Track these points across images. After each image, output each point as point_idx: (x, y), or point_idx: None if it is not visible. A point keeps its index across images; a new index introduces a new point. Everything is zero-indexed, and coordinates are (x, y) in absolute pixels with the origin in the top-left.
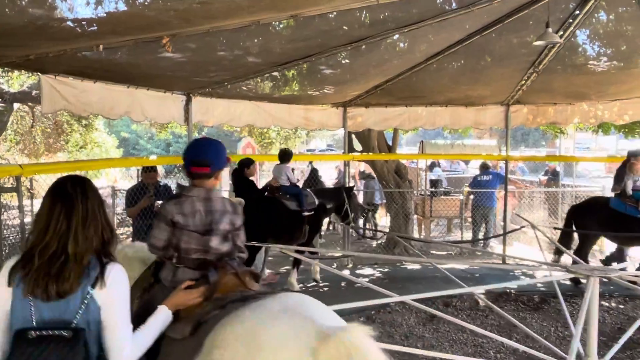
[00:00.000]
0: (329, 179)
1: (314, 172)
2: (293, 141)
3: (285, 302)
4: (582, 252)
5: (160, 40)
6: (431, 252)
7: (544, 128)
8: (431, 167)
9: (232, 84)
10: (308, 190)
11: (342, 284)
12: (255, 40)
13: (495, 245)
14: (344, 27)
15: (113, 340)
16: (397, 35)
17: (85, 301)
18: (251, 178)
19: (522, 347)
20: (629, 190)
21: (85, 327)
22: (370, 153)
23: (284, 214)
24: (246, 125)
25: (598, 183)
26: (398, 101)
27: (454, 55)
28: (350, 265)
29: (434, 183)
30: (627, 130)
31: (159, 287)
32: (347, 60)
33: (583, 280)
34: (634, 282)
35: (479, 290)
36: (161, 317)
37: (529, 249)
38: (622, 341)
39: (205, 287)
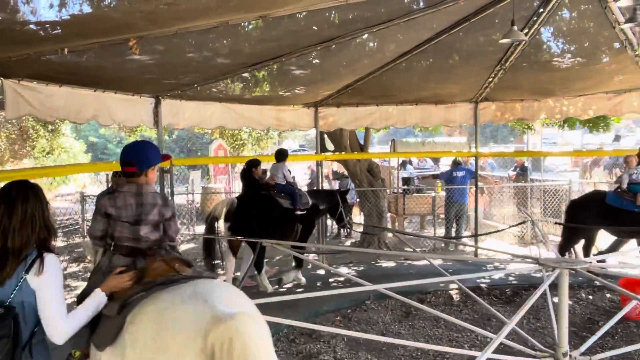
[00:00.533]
0: (301, 179)
1: None
2: (265, 142)
3: (197, 288)
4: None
5: (127, 43)
6: (405, 248)
7: (512, 124)
8: (403, 165)
9: (202, 85)
10: (302, 190)
11: (318, 284)
12: (224, 41)
13: (467, 240)
14: (314, 27)
15: (48, 317)
16: (366, 35)
17: (19, 285)
18: (257, 177)
19: (491, 348)
20: (625, 184)
21: (16, 306)
22: (343, 153)
23: (276, 211)
24: (217, 127)
25: (565, 177)
26: (369, 100)
27: (423, 54)
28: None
29: (406, 181)
30: (591, 124)
31: (100, 273)
32: (317, 60)
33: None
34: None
35: (457, 280)
36: (96, 298)
37: (501, 244)
38: (599, 333)
39: (134, 272)
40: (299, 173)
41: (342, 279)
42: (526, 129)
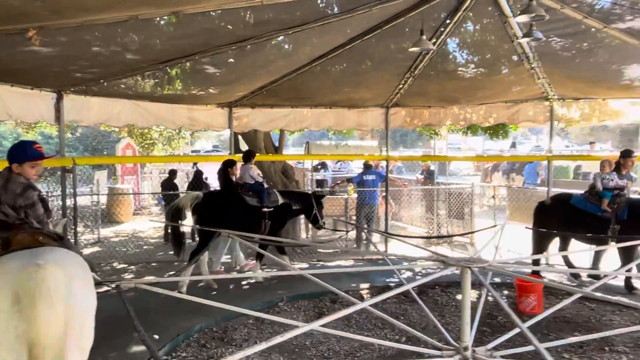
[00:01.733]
0: (215, 180)
1: (198, 174)
2: (177, 142)
3: (39, 251)
4: (541, 251)
5: (25, 33)
6: (318, 250)
7: (420, 129)
8: (323, 166)
9: (109, 81)
10: (273, 190)
11: (231, 286)
12: (134, 36)
13: (377, 242)
14: (228, 27)
15: None
16: (281, 37)
17: None
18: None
19: (400, 346)
20: (599, 186)
21: None
22: (257, 154)
23: (242, 208)
24: (126, 125)
25: (468, 180)
26: (284, 102)
27: (337, 59)
28: (238, 268)
29: (320, 183)
30: (492, 132)
31: None
32: (232, 60)
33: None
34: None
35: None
36: None
37: (408, 245)
38: (511, 333)
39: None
40: (212, 174)
41: (253, 281)
42: (433, 134)
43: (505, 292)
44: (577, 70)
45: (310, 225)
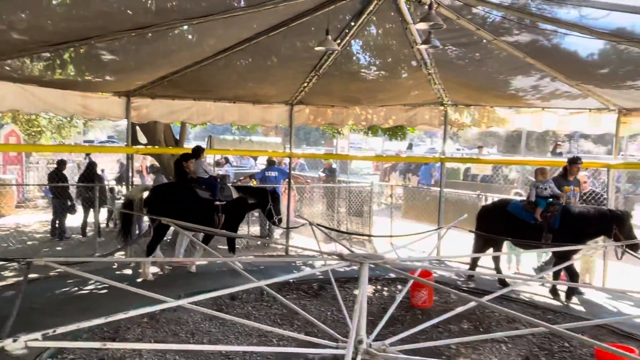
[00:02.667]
0: (110, 173)
1: (91, 166)
2: (68, 131)
3: None
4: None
5: None
6: (218, 246)
7: (323, 128)
8: (226, 161)
9: None
10: (228, 185)
11: (125, 284)
12: (22, 15)
13: (278, 238)
14: (128, 12)
15: None
16: (185, 27)
17: None
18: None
19: (297, 336)
20: (532, 196)
21: None
22: (157, 146)
23: (193, 201)
24: (9, 111)
25: (368, 179)
26: (186, 94)
27: (242, 53)
28: (133, 264)
29: (222, 178)
30: (391, 133)
31: None
32: (131, 47)
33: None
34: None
35: (265, 283)
36: None
37: (309, 241)
38: (414, 330)
39: None
40: (106, 167)
41: (152, 279)
42: (336, 133)
43: (399, 286)
44: (469, 78)
45: None
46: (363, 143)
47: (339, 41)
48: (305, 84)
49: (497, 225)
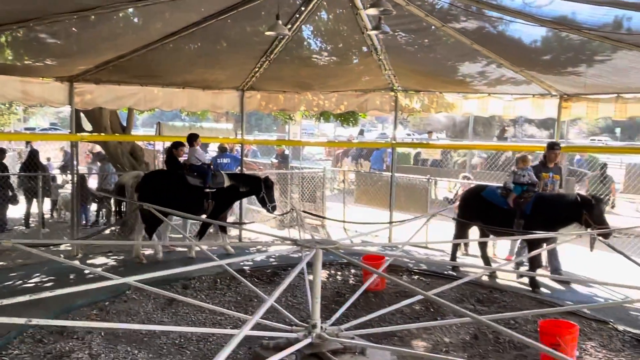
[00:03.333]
0: (54, 161)
1: (33, 155)
2: (7, 118)
3: None
4: (461, 238)
5: None
6: (169, 236)
7: (275, 114)
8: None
9: None
10: (220, 171)
11: (71, 276)
12: None
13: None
14: None
15: None
16: (131, 9)
17: None
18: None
19: (254, 320)
20: (509, 183)
21: None
22: (102, 134)
23: (183, 188)
24: None
25: (320, 165)
26: (133, 79)
27: (191, 37)
28: (80, 255)
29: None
30: (342, 118)
31: None
32: (73, 30)
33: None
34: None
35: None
36: None
37: (263, 227)
38: (346, 305)
39: None
40: (50, 155)
41: (99, 270)
42: (288, 119)
43: (352, 270)
44: (418, 64)
45: None
46: (315, 129)
47: (289, 26)
48: (256, 70)
49: (472, 211)
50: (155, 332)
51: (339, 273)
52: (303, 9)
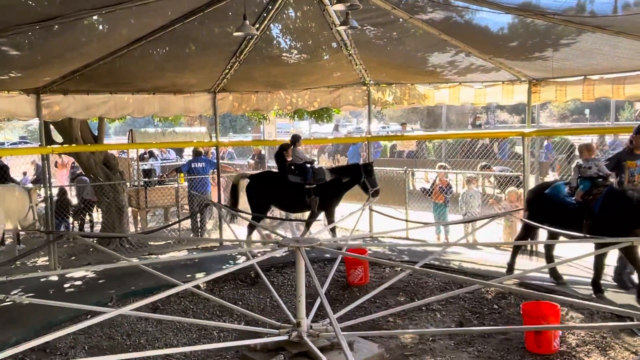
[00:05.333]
0: (30, 175)
1: (3, 170)
2: None
3: None
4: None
5: None
6: (149, 243)
7: (248, 114)
8: (150, 155)
9: None
10: (321, 167)
11: (50, 291)
12: None
13: (210, 229)
14: (30, 2)
15: None
16: (95, 17)
17: None
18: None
19: (239, 327)
20: (574, 179)
21: None
22: (74, 145)
23: (285, 186)
24: None
25: None
26: (102, 88)
27: (158, 42)
28: (60, 269)
29: (147, 173)
30: (317, 115)
31: None
32: (36, 41)
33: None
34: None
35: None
36: None
37: (243, 229)
38: (317, 302)
39: None
40: (22, 170)
41: (79, 283)
42: (262, 119)
43: (335, 266)
44: (388, 57)
45: (139, 217)
46: (290, 127)
47: (257, 25)
48: (227, 71)
49: (538, 212)
50: (141, 342)
51: (322, 269)
52: (270, 7)
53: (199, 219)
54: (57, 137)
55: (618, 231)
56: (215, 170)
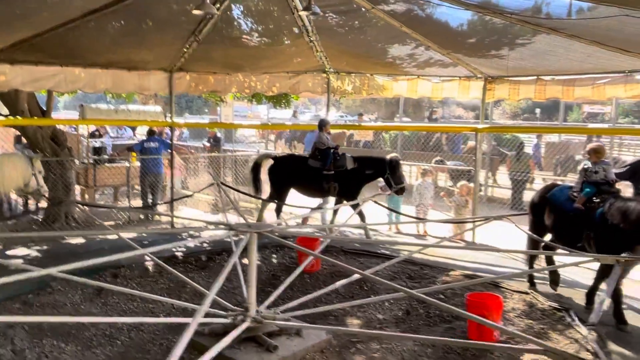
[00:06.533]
0: None
1: None
2: None
3: None
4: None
5: None
6: (97, 222)
7: (206, 96)
8: (96, 134)
9: None
10: (345, 154)
11: None
12: None
13: (164, 210)
14: None
15: None
16: None
17: None
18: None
19: (190, 305)
20: (578, 184)
21: None
22: (19, 117)
23: (304, 170)
24: None
25: (254, 148)
26: (52, 59)
27: (114, 15)
28: (0, 247)
29: (98, 150)
30: (275, 100)
31: None
32: None
33: None
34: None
35: (150, 252)
36: None
37: (196, 212)
38: (281, 288)
39: None
40: None
41: (21, 261)
42: (219, 101)
43: (288, 252)
44: (349, 46)
45: (87, 196)
46: (248, 111)
47: (218, 5)
48: (185, 50)
49: (541, 218)
50: (84, 324)
51: (274, 255)
52: None
53: (150, 200)
54: (2, 109)
55: (617, 246)
56: (169, 151)
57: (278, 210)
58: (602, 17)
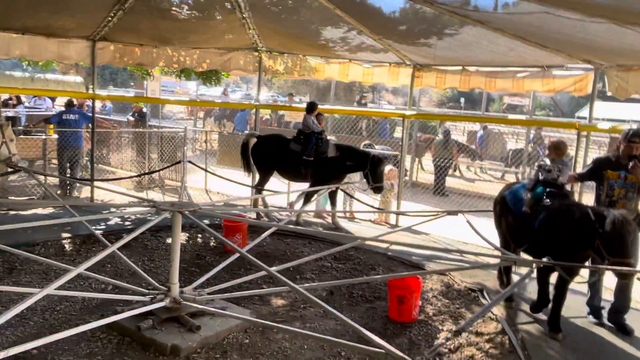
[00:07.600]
0: None
1: None
2: None
3: None
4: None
5: None
6: (9, 197)
7: (131, 69)
8: (18, 102)
9: None
10: (330, 141)
11: None
12: None
13: (82, 187)
14: None
15: None
16: None
17: None
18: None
19: (104, 296)
20: (531, 182)
21: None
22: None
23: (285, 153)
24: None
25: (181, 125)
26: None
27: None
28: None
29: (12, 120)
30: (205, 77)
31: None
32: None
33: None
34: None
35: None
36: None
37: (118, 189)
38: (206, 275)
39: None
40: None
41: None
42: (146, 74)
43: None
44: (283, 25)
45: None
46: (176, 86)
47: None
48: (110, 19)
49: (499, 219)
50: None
51: (200, 235)
52: None
53: (68, 174)
54: None
55: (557, 255)
56: (89, 124)
57: (258, 191)
58: (526, 13)
